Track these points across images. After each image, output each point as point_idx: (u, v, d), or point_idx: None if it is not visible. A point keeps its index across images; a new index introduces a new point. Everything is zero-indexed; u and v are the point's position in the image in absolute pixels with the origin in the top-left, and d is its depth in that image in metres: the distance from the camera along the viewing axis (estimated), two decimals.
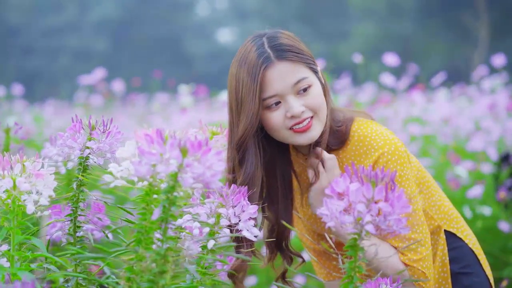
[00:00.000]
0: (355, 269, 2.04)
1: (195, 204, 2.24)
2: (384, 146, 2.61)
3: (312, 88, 2.61)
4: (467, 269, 2.81)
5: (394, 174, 2.03)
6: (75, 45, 31.62)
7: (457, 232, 2.83)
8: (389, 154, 2.60)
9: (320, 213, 2.01)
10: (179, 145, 1.91)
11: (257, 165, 2.66)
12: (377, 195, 1.97)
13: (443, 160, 5.44)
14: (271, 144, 2.74)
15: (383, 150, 2.60)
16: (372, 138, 2.64)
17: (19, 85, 8.67)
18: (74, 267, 2.27)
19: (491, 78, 7.07)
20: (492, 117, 6.01)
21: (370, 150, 2.62)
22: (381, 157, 2.60)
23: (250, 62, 2.60)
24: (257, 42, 2.64)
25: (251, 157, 2.65)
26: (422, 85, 7.04)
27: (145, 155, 1.91)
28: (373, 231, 1.95)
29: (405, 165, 2.62)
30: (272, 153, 2.77)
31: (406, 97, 7.23)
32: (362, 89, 7.72)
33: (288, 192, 2.84)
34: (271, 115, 2.61)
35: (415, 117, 6.42)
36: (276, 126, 2.62)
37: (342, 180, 2.01)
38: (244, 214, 2.24)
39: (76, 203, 2.29)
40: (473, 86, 7.76)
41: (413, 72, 7.52)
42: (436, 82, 6.92)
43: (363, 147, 2.65)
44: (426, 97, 7.17)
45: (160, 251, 1.92)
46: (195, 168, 1.90)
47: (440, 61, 26.71)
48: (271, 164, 2.81)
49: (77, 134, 2.28)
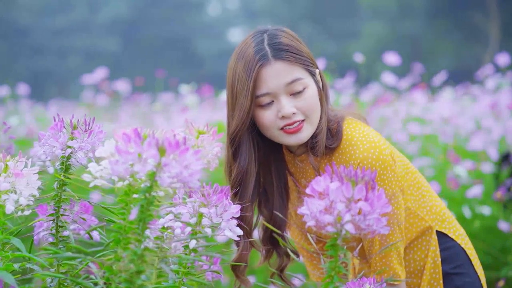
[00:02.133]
0: (336, 269, 2.03)
1: (177, 203, 2.23)
2: (368, 150, 2.59)
3: (307, 90, 2.60)
4: (459, 269, 2.80)
5: (375, 173, 2.02)
6: (85, 45, 31.66)
7: (448, 232, 2.81)
8: (373, 159, 2.58)
9: (300, 212, 2.00)
10: (156, 144, 1.90)
11: (250, 159, 2.66)
12: (357, 195, 1.95)
13: (442, 160, 5.41)
14: (265, 140, 2.73)
15: (367, 154, 2.58)
16: (359, 140, 2.62)
17: (25, 84, 8.68)
18: (57, 267, 2.26)
19: (495, 77, 7.02)
20: (493, 116, 5.98)
21: (355, 152, 2.60)
22: (364, 161, 2.58)
23: (247, 57, 2.60)
24: (258, 38, 2.64)
25: (244, 151, 2.66)
26: (424, 84, 7.00)
27: (122, 154, 1.90)
28: (352, 230, 1.93)
29: (388, 169, 2.60)
30: (266, 149, 2.77)
31: (409, 96, 7.20)
32: (367, 89, 7.70)
33: (283, 189, 2.84)
34: (263, 113, 2.61)
35: (415, 117, 6.39)
36: (267, 124, 2.62)
37: (323, 179, 2.00)
38: (226, 214, 2.23)
39: (59, 203, 2.28)
40: (478, 86, 7.73)
41: (418, 71, 7.50)
42: (438, 81, 6.89)
43: (348, 147, 2.63)
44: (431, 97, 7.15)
45: (137, 251, 1.91)
46: (173, 168, 1.89)
47: (450, 61, 26.66)
48: (266, 160, 2.80)
49: (59, 133, 2.27)
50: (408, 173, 2.77)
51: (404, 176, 2.73)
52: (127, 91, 8.58)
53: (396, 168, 2.64)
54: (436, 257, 2.78)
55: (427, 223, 2.78)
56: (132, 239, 1.92)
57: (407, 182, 2.75)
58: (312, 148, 2.66)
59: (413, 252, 2.79)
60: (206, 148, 2.68)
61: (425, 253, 2.78)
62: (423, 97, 6.58)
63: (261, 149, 2.75)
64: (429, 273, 2.77)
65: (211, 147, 2.68)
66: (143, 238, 1.93)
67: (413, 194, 2.77)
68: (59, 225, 2.29)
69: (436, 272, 2.77)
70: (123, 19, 33.10)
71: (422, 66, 7.59)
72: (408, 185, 2.76)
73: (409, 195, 2.76)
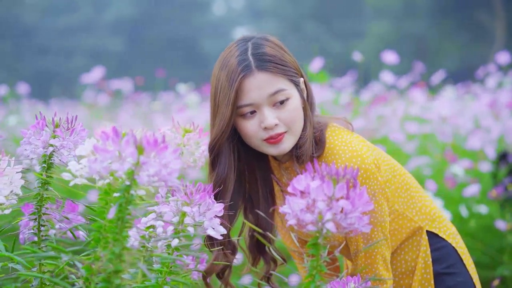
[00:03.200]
0: (317, 268, 2.01)
1: (160, 202, 2.21)
2: (350, 159, 2.57)
3: (289, 101, 2.58)
4: (451, 269, 2.78)
5: (357, 172, 2.00)
6: (90, 45, 31.67)
7: (439, 232, 2.79)
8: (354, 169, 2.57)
9: (282, 211, 1.98)
10: (134, 142, 1.88)
11: (230, 168, 2.65)
12: (338, 193, 1.93)
13: (439, 159, 5.38)
14: (249, 148, 2.71)
15: (349, 163, 2.55)
16: (341, 148, 2.60)
17: (25, 84, 8.68)
18: (39, 266, 2.25)
19: (496, 76, 6.99)
20: (492, 115, 5.95)
21: (337, 161, 2.58)
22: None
23: (231, 67, 2.57)
24: (242, 46, 2.61)
25: (223, 160, 2.64)
26: (424, 83, 6.98)
27: (100, 152, 1.88)
28: (333, 229, 1.91)
29: (370, 178, 2.58)
30: (251, 156, 2.75)
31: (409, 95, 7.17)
32: (368, 88, 7.68)
33: (269, 195, 2.82)
34: (246, 124, 2.59)
35: (413, 116, 6.36)
36: (250, 134, 2.60)
37: (304, 177, 1.98)
38: (209, 212, 2.21)
39: (41, 202, 2.27)
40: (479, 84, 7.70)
41: (419, 70, 7.47)
42: (437, 79, 6.86)
43: (330, 156, 2.61)
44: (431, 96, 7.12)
45: (115, 251, 1.89)
46: (151, 166, 1.87)
47: (456, 61, 26.58)
48: (251, 167, 2.79)
49: (41, 131, 2.25)
50: (395, 175, 2.75)
51: (391, 180, 2.71)
52: (128, 91, 8.57)
53: (380, 176, 2.61)
54: (427, 258, 2.76)
55: (417, 223, 2.76)
56: (111, 238, 1.91)
57: (394, 185, 2.73)
58: (298, 158, 2.64)
59: (404, 253, 2.77)
60: (192, 146, 2.67)
61: (416, 254, 2.76)
62: (422, 96, 6.55)
63: (242, 158, 2.73)
64: (420, 273, 2.75)
65: (197, 145, 2.67)
66: (122, 237, 1.91)
67: (401, 196, 2.75)
68: (41, 224, 2.27)
69: (427, 272, 2.75)
70: (127, 19, 33.09)
71: (424, 65, 7.56)
72: (396, 187, 2.74)
73: (397, 197, 2.73)
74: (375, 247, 2.62)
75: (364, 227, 1.96)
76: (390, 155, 2.85)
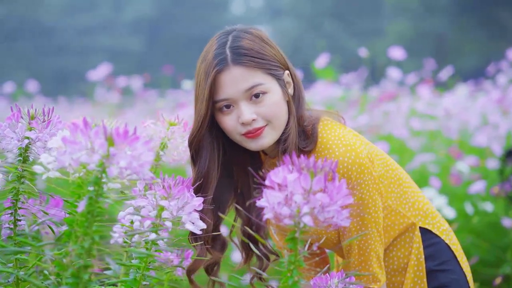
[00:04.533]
0: (295, 263, 1.95)
1: (137, 196, 2.16)
2: (344, 153, 2.50)
3: (267, 96, 2.50)
4: (444, 266, 2.71)
5: (336, 164, 1.94)
6: (109, 44, 31.75)
7: (432, 228, 2.73)
8: (349, 164, 2.49)
9: (259, 205, 1.92)
10: (104, 133, 1.82)
11: (212, 162, 2.59)
12: (315, 186, 1.87)
13: (444, 155, 5.30)
14: (234, 142, 2.65)
15: (343, 158, 2.49)
16: (334, 143, 2.53)
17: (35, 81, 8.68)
18: (15, 261, 2.20)
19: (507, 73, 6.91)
20: (501, 111, 5.86)
21: (331, 155, 2.51)
22: (340, 165, 2.50)
23: (208, 61, 2.52)
24: (222, 39, 2.54)
25: (204, 155, 2.58)
26: (431, 80, 6.89)
27: (69, 144, 1.83)
28: (310, 223, 1.85)
29: (365, 173, 2.51)
30: (237, 151, 2.69)
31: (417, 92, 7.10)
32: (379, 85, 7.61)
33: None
34: (224, 119, 2.53)
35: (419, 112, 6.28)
36: (229, 130, 2.54)
37: (281, 170, 1.92)
38: (187, 206, 2.15)
39: (17, 196, 2.22)
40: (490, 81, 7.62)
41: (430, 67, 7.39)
42: (444, 76, 6.78)
43: (324, 150, 2.54)
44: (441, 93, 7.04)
45: (84, 245, 1.84)
46: (121, 158, 1.82)
47: (475, 58, 26.41)
48: (238, 161, 2.72)
49: (16, 123, 2.20)
50: (388, 170, 2.68)
51: (384, 174, 2.65)
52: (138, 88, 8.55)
53: (374, 170, 2.55)
54: (419, 254, 2.69)
55: (410, 219, 2.69)
56: (80, 232, 1.85)
57: (387, 180, 2.66)
58: (283, 152, 2.57)
59: (396, 249, 2.71)
60: (177, 140, 2.61)
61: (408, 250, 2.70)
62: (429, 93, 6.46)
63: (227, 152, 2.66)
64: (413, 270, 2.69)
65: (182, 139, 2.61)
66: (92, 231, 1.85)
67: (394, 191, 2.68)
68: (17, 219, 2.22)
69: (419, 269, 2.69)
70: (147, 18, 33.14)
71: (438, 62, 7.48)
72: (389, 182, 2.67)
73: (389, 193, 2.67)
74: (369, 244, 2.56)
75: (343, 221, 1.90)
76: (395, 152, 2.80)
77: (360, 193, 2.50)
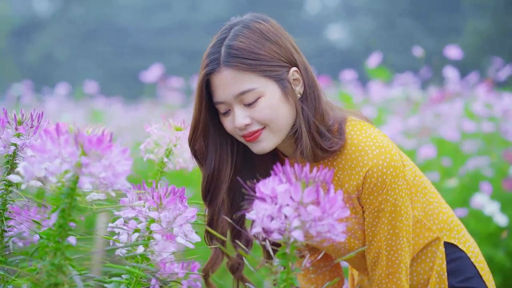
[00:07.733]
0: (287, 281, 1.78)
1: (125, 207, 2.01)
2: (378, 156, 2.31)
3: (261, 99, 2.30)
4: (467, 283, 2.51)
5: (331, 173, 1.76)
6: (185, 45, 31.94)
7: (458, 243, 2.53)
8: (384, 167, 2.30)
9: (249, 218, 1.76)
10: (75, 141, 1.69)
11: (221, 164, 2.43)
12: (306, 198, 1.70)
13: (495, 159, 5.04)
14: None
15: (377, 161, 2.30)
16: (367, 144, 2.34)
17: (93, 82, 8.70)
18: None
19: None
20: None
21: (364, 158, 2.32)
22: (375, 167, 2.30)
23: (203, 58, 2.37)
24: (222, 34, 2.37)
25: (209, 156, 2.42)
26: (490, 80, 6.59)
27: (37, 152, 1.69)
28: (301, 238, 1.69)
29: (399, 177, 2.33)
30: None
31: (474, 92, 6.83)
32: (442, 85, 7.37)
33: None
34: (224, 121, 2.38)
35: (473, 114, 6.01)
36: (230, 132, 2.39)
37: (271, 180, 1.76)
38: (179, 218, 2.00)
39: (4, 206, 2.10)
40: None
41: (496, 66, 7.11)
42: (503, 76, 6.48)
43: (355, 152, 2.35)
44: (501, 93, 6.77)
45: (54, 261, 1.70)
46: (93, 167, 1.67)
47: None
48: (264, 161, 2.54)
49: (2, 129, 2.08)
50: (415, 177, 2.49)
51: (412, 182, 2.45)
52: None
53: (406, 174, 2.37)
54: (442, 271, 2.49)
55: (435, 233, 2.50)
56: (50, 248, 1.71)
57: (414, 187, 2.47)
58: (301, 154, 2.38)
59: (416, 264, 2.51)
60: (183, 146, 2.47)
61: (429, 266, 2.51)
62: (486, 93, 6.18)
63: (248, 153, 2.49)
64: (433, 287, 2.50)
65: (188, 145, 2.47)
66: (63, 246, 1.71)
67: (420, 201, 2.49)
68: (3, 230, 2.10)
69: (441, 287, 2.49)
70: (222, 19, 33.17)
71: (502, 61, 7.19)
72: (416, 190, 2.48)
73: (416, 202, 2.48)
74: (399, 255, 2.38)
75: (338, 236, 1.73)
76: (447, 155, 2.61)
77: (393, 199, 2.32)
